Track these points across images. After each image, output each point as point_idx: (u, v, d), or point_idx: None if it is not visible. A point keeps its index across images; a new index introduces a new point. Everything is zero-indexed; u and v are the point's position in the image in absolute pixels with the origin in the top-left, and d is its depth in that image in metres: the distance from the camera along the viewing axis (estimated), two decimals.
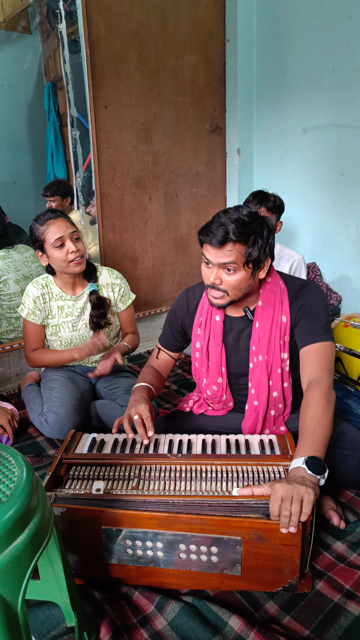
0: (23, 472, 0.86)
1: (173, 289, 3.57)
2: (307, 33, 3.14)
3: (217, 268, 1.46)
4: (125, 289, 2.18)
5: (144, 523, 1.19)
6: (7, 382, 2.75)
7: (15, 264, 2.63)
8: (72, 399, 1.98)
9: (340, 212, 3.22)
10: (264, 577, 1.21)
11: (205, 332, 1.67)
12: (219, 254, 1.43)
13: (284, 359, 1.58)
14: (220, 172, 3.70)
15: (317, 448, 1.26)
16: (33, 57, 2.88)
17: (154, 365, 1.82)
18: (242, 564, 1.19)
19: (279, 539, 1.15)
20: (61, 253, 1.93)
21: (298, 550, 1.16)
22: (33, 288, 2.06)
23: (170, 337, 1.80)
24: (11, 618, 0.76)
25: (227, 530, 1.16)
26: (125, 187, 3.11)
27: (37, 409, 2.05)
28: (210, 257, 1.45)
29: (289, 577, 1.20)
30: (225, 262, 1.42)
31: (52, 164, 2.98)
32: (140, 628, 1.18)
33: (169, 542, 1.20)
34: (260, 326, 1.58)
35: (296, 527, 1.12)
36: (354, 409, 1.90)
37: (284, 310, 1.56)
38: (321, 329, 1.50)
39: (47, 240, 1.93)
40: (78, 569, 1.28)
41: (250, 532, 1.15)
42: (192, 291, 1.75)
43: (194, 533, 1.18)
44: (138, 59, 3.00)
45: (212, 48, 3.42)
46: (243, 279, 1.46)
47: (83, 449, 1.49)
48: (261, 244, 1.43)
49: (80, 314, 2.11)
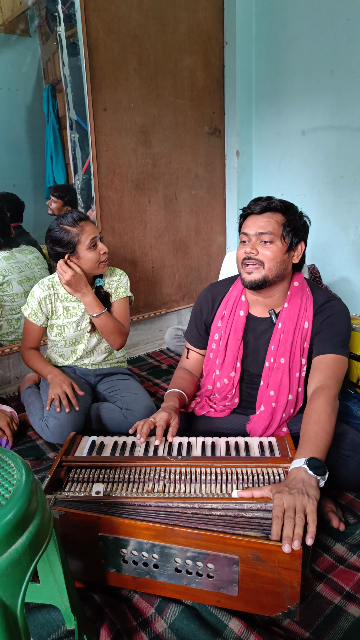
0: (22, 475, 0.86)
1: (173, 291, 3.57)
2: (306, 35, 3.15)
3: (254, 238, 1.53)
4: (121, 283, 2.16)
5: (139, 533, 1.17)
6: (7, 384, 2.75)
7: (19, 265, 2.64)
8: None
9: (340, 214, 3.22)
10: (262, 600, 1.15)
11: (227, 326, 1.68)
12: (258, 221, 1.53)
13: (303, 365, 1.60)
14: (220, 174, 3.70)
15: (318, 451, 1.27)
16: (32, 60, 2.88)
17: (186, 366, 1.83)
18: (240, 584, 1.15)
19: (277, 562, 1.10)
20: (95, 254, 1.97)
21: (298, 576, 1.10)
22: (39, 289, 2.07)
23: (197, 335, 1.80)
24: (11, 621, 0.76)
25: (224, 547, 1.12)
26: (125, 189, 3.11)
27: (38, 413, 2.05)
28: (248, 228, 1.55)
29: (288, 603, 1.14)
30: (263, 231, 1.51)
31: (52, 166, 2.98)
32: (140, 631, 1.18)
33: (164, 554, 1.17)
34: (282, 328, 1.60)
35: (300, 542, 1.06)
36: (354, 410, 1.90)
37: (307, 317, 1.59)
38: (339, 343, 1.53)
39: (82, 242, 1.93)
40: (78, 573, 1.28)
41: (248, 552, 1.11)
42: (216, 287, 1.78)
43: (190, 547, 1.15)
44: (137, 62, 3.01)
45: (210, 50, 3.43)
46: (279, 251, 1.53)
47: (83, 451, 1.49)
48: (298, 225, 1.55)
49: (85, 313, 2.11)
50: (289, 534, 1.08)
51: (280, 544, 1.08)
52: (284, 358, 1.59)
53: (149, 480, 1.34)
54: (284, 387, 1.60)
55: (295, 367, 1.60)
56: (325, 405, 1.37)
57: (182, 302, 3.67)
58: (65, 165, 2.99)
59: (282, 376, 1.60)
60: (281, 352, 1.60)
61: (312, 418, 1.36)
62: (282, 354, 1.59)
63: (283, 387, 1.60)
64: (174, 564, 1.18)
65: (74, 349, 2.17)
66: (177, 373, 1.81)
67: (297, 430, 1.61)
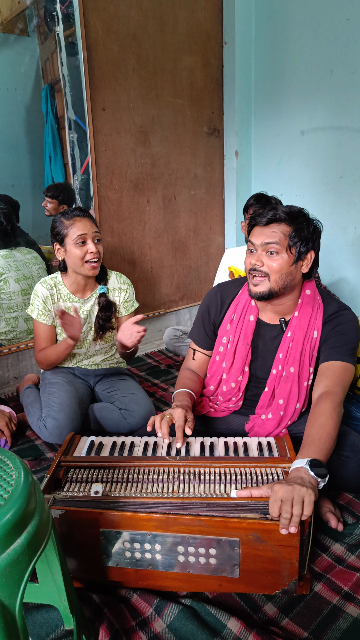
0: (21, 475, 0.86)
1: (171, 291, 3.57)
2: (305, 35, 3.15)
3: (260, 250, 1.51)
4: (130, 296, 2.17)
5: (142, 525, 1.19)
6: (6, 385, 2.75)
7: (17, 264, 2.64)
8: (71, 404, 1.97)
9: (339, 215, 3.22)
10: (262, 579, 1.20)
11: (236, 330, 1.67)
12: (264, 232, 1.50)
13: (310, 373, 1.60)
14: (219, 174, 3.70)
15: (321, 454, 1.27)
16: (31, 60, 2.88)
17: (192, 367, 1.80)
18: (241, 566, 1.19)
19: (277, 540, 1.15)
20: (80, 251, 1.94)
21: (296, 552, 1.15)
22: (42, 288, 2.06)
23: (205, 335, 1.77)
24: (9, 621, 0.76)
25: (225, 531, 1.16)
26: (124, 189, 3.11)
27: (36, 414, 2.05)
28: (254, 238, 1.52)
29: (287, 580, 1.19)
30: (268, 241, 1.48)
31: (50, 166, 2.97)
32: (139, 631, 1.18)
33: (167, 544, 1.20)
34: (292, 336, 1.59)
35: (296, 527, 1.11)
36: (354, 412, 1.90)
37: (316, 326, 1.58)
38: (347, 351, 1.53)
39: (69, 235, 1.93)
40: (76, 572, 1.28)
41: (249, 533, 1.15)
42: (226, 289, 1.75)
43: (193, 535, 1.17)
44: (136, 62, 3.01)
45: (210, 50, 3.43)
46: (285, 263, 1.50)
47: (81, 451, 1.49)
48: (305, 234, 1.50)
49: (87, 316, 2.11)
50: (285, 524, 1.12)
51: (279, 522, 1.13)
52: (294, 367, 1.58)
53: (148, 480, 1.34)
54: (293, 396, 1.60)
55: (304, 376, 1.60)
56: (330, 410, 1.38)
57: (181, 302, 3.67)
58: (64, 165, 2.99)
59: (292, 386, 1.59)
60: (290, 362, 1.59)
61: (317, 421, 1.36)
62: (292, 363, 1.59)
63: (292, 397, 1.60)
64: (177, 552, 1.20)
65: (72, 353, 2.17)
66: (182, 373, 1.78)
67: (297, 432, 1.62)
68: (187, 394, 1.65)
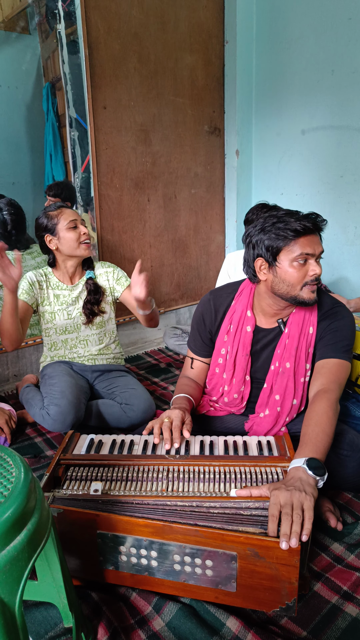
0: (21, 472, 0.86)
1: (172, 290, 3.57)
2: (306, 34, 3.15)
3: (313, 258, 1.47)
4: (119, 273, 2.23)
5: (138, 530, 1.18)
6: (5, 382, 2.75)
7: (26, 268, 2.63)
8: (73, 391, 2.00)
9: (339, 214, 3.22)
10: (260, 596, 1.16)
11: (234, 342, 1.66)
12: (314, 241, 1.46)
13: (307, 370, 1.60)
14: (219, 173, 3.70)
15: (318, 452, 1.27)
16: (32, 58, 2.87)
17: (191, 375, 1.79)
18: (238, 580, 1.15)
19: (276, 558, 1.10)
20: (74, 234, 2.06)
21: (296, 572, 1.11)
22: (32, 274, 2.16)
23: (202, 344, 1.76)
24: (9, 619, 0.76)
25: (223, 544, 1.13)
26: (124, 188, 3.11)
27: (38, 404, 2.07)
28: (310, 248, 1.45)
29: (286, 599, 1.15)
30: (321, 249, 1.48)
31: (51, 164, 2.97)
32: (137, 629, 1.18)
33: (163, 551, 1.18)
34: (289, 332, 1.59)
35: (297, 540, 1.07)
36: (352, 410, 1.90)
37: (312, 322, 1.58)
38: (342, 348, 1.53)
39: (60, 222, 2.05)
40: (75, 571, 1.28)
41: (247, 548, 1.11)
42: (219, 297, 1.73)
43: (189, 544, 1.15)
44: (137, 60, 3.00)
45: (211, 49, 3.42)
46: None
47: (81, 449, 1.49)
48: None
49: (75, 302, 2.17)
50: (287, 531, 1.08)
51: (278, 540, 1.08)
52: (289, 363, 1.59)
53: (147, 478, 1.34)
54: (289, 392, 1.60)
55: (300, 372, 1.60)
56: (326, 408, 1.38)
57: (181, 301, 3.67)
58: (64, 164, 2.99)
59: (288, 381, 1.60)
60: (286, 357, 1.59)
61: (313, 420, 1.36)
62: (288, 358, 1.59)
63: (288, 392, 1.60)
64: (173, 560, 1.18)
65: (64, 339, 2.20)
66: (181, 381, 1.78)
67: (297, 430, 1.62)
68: (185, 398, 1.66)
